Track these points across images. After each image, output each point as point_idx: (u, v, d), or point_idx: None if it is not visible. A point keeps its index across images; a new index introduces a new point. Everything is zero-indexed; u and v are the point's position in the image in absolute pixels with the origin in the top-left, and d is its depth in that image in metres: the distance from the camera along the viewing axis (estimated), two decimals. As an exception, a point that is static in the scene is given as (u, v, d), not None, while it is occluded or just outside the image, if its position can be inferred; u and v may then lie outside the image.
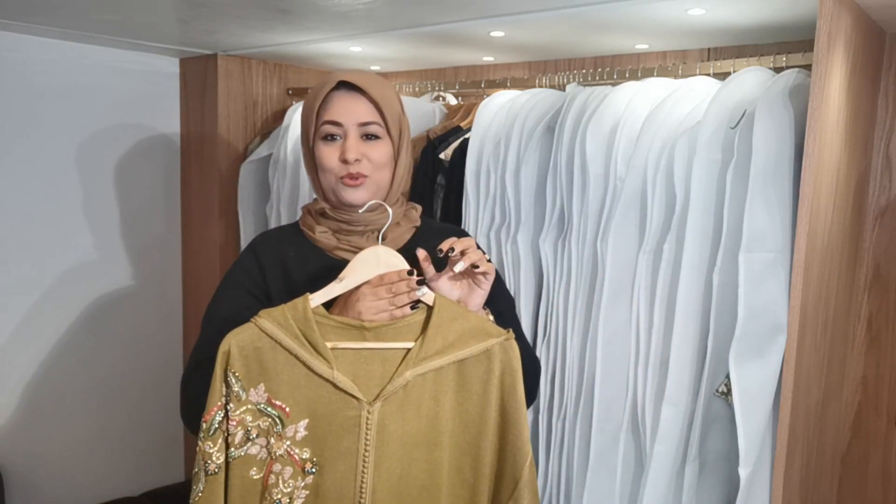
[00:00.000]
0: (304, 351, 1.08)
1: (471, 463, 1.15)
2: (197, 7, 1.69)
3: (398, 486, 1.12)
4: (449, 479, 1.14)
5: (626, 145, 1.54)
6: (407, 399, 1.10)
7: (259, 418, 1.09)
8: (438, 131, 2.04)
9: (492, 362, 1.12)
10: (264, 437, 1.09)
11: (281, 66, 2.50)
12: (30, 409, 2.27)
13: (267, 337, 1.08)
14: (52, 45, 2.17)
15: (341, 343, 1.09)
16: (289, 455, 1.10)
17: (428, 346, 1.10)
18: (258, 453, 1.10)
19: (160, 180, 2.50)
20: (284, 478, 1.10)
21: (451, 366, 1.11)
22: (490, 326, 1.15)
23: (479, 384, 1.12)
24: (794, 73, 1.40)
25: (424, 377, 1.11)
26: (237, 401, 1.08)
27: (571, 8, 1.51)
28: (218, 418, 1.08)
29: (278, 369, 1.08)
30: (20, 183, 2.18)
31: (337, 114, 1.19)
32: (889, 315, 1.66)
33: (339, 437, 1.10)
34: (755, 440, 1.32)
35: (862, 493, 1.72)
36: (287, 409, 1.09)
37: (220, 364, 1.07)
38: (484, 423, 1.13)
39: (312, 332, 1.08)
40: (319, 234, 1.25)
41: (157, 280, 2.52)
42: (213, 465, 1.08)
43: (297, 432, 1.10)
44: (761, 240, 1.32)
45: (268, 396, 1.09)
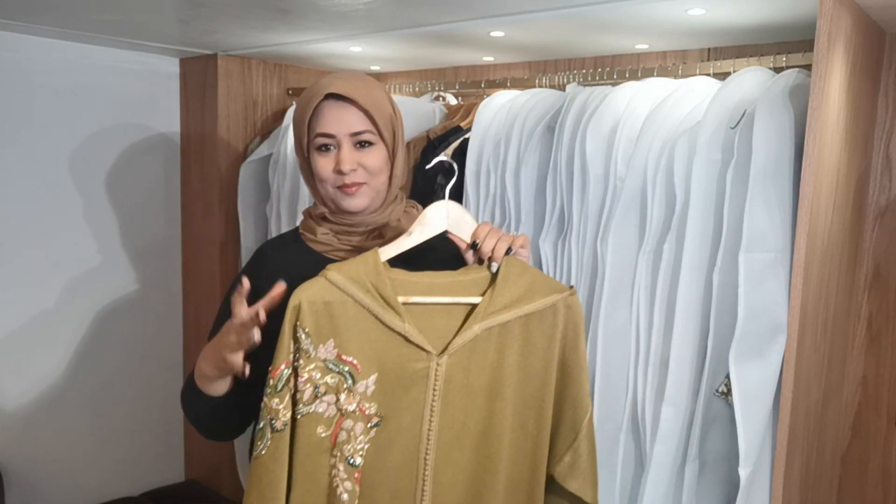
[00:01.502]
0: (375, 304, 1.08)
1: (534, 416, 1.16)
2: (197, 7, 1.69)
3: (461, 436, 1.13)
4: (512, 431, 1.15)
5: (626, 145, 1.54)
6: (473, 352, 1.12)
7: (327, 375, 1.08)
8: (438, 131, 2.04)
9: (556, 317, 1.14)
10: (333, 394, 1.08)
11: (281, 66, 2.50)
12: (30, 410, 2.27)
13: (337, 290, 1.07)
14: (52, 45, 2.17)
15: (411, 297, 1.10)
16: (360, 411, 1.10)
17: (496, 301, 1.11)
18: (325, 411, 1.08)
19: (160, 180, 2.50)
20: (356, 433, 1.09)
21: (518, 320, 1.13)
22: (554, 282, 1.16)
23: (544, 339, 1.14)
24: (794, 73, 1.40)
25: (490, 331, 1.12)
26: (306, 357, 1.07)
27: (571, 8, 1.51)
28: (286, 374, 1.06)
29: (349, 324, 1.08)
30: (20, 183, 2.17)
31: (328, 125, 1.19)
32: (889, 315, 1.66)
33: (407, 390, 1.10)
34: (755, 440, 1.32)
35: (862, 493, 1.72)
36: (358, 365, 1.08)
37: (290, 320, 1.06)
38: (547, 376, 1.15)
39: (385, 285, 1.08)
40: (321, 235, 1.25)
41: (157, 280, 2.52)
42: (280, 422, 1.06)
43: (368, 388, 1.09)
44: (761, 240, 1.32)
45: (337, 352, 1.08)
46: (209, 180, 2.43)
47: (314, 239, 1.26)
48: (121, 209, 2.40)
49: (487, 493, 1.15)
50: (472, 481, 1.15)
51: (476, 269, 1.15)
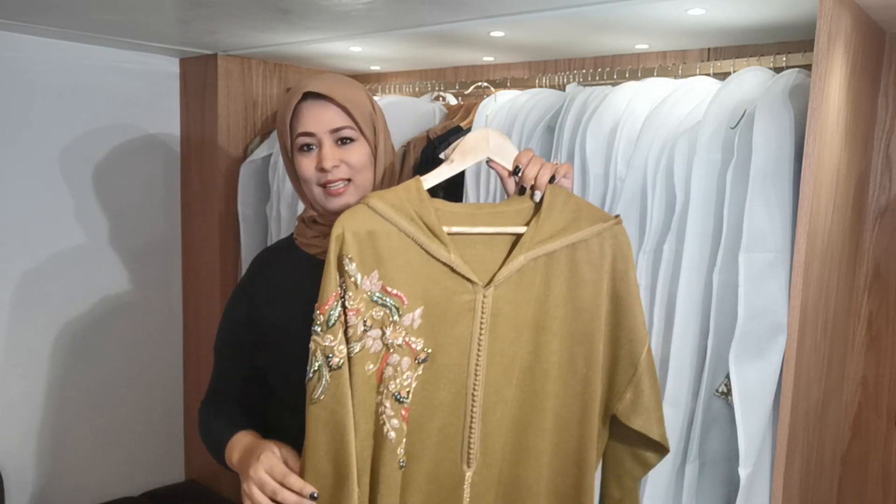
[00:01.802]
0: (420, 233, 1.03)
1: (583, 353, 1.12)
2: (197, 7, 1.69)
3: (508, 371, 1.10)
4: (559, 368, 1.12)
5: (626, 145, 1.54)
6: (520, 283, 1.09)
7: (372, 308, 1.03)
8: (438, 131, 2.04)
9: (603, 247, 1.10)
10: (378, 329, 1.04)
11: (281, 66, 2.50)
12: (30, 410, 2.27)
13: (381, 219, 1.03)
14: (52, 45, 2.17)
15: (455, 227, 1.06)
16: (407, 345, 1.05)
17: (541, 230, 1.08)
18: (372, 345, 1.04)
19: (160, 180, 2.50)
20: (402, 369, 1.05)
21: (563, 250, 1.09)
22: (600, 211, 1.13)
23: (592, 270, 1.10)
24: (794, 73, 1.40)
25: (536, 261, 1.09)
26: (354, 288, 1.02)
27: (571, 8, 1.51)
28: (337, 309, 1.01)
29: (393, 254, 1.03)
30: (20, 183, 2.17)
31: (308, 124, 1.19)
32: (889, 315, 1.66)
33: (453, 324, 1.07)
34: (755, 440, 1.32)
35: (862, 493, 1.72)
36: (403, 297, 1.04)
37: (334, 250, 1.02)
38: (597, 310, 1.11)
39: (430, 214, 1.04)
40: (312, 237, 1.26)
41: (157, 280, 2.52)
42: (337, 359, 1.01)
43: (414, 321, 1.05)
44: (761, 240, 1.32)
45: (382, 284, 1.03)
46: (209, 180, 2.43)
47: (306, 242, 1.27)
48: (121, 209, 2.40)
49: (535, 431, 1.12)
50: (519, 419, 1.12)
51: (518, 200, 1.12)
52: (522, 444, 1.12)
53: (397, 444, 1.05)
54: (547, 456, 1.13)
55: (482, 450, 1.10)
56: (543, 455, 1.13)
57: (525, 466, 1.13)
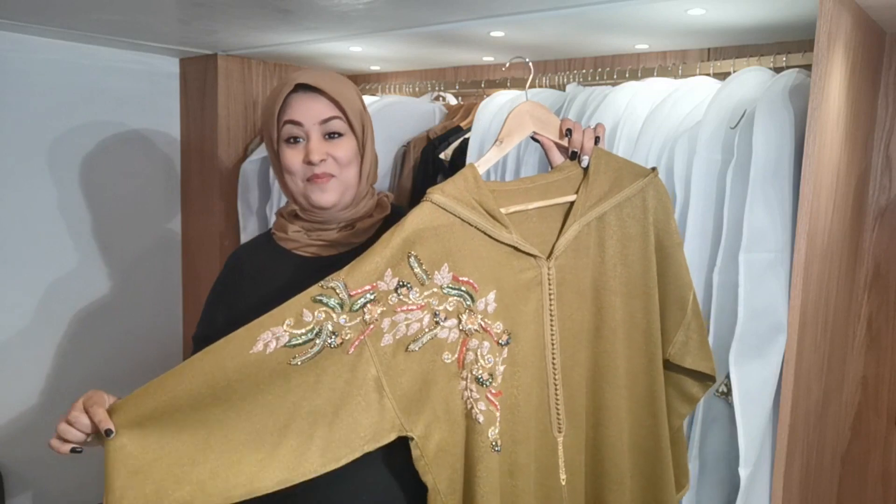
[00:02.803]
0: (482, 220, 1.06)
1: (641, 306, 1.16)
2: (197, 7, 1.69)
3: (579, 336, 1.14)
4: (623, 324, 1.16)
5: (626, 145, 1.54)
6: (577, 250, 1.13)
7: (446, 301, 1.04)
8: (438, 131, 2.04)
9: (646, 201, 1.15)
10: (454, 318, 1.05)
11: (281, 66, 2.50)
12: (30, 409, 2.27)
13: (443, 212, 1.04)
14: (52, 45, 2.17)
15: (511, 206, 1.09)
16: (483, 329, 1.07)
17: (591, 195, 1.12)
18: (448, 335, 1.05)
19: (160, 180, 2.50)
20: (483, 353, 1.07)
21: (612, 211, 1.14)
22: (637, 166, 1.17)
23: (638, 225, 1.15)
24: (794, 73, 1.40)
25: (589, 226, 1.13)
26: (420, 285, 1.02)
27: (571, 8, 1.51)
28: (366, 298, 0.99)
29: (459, 245, 1.05)
30: (20, 182, 2.17)
31: (296, 114, 1.18)
32: (889, 315, 1.66)
33: (525, 301, 1.10)
34: (755, 440, 1.32)
35: (862, 493, 1.72)
36: (475, 284, 1.06)
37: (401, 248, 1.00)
38: (647, 262, 1.15)
39: (488, 199, 1.06)
40: (292, 232, 1.24)
41: (158, 279, 2.52)
42: (339, 340, 0.98)
43: (488, 305, 1.07)
44: (761, 240, 1.32)
45: (453, 275, 1.04)
46: (209, 180, 2.43)
47: (285, 237, 1.25)
48: (121, 209, 2.40)
49: (609, 389, 1.16)
50: (595, 379, 1.16)
51: (567, 167, 1.14)
52: (601, 403, 1.16)
53: (487, 427, 1.06)
54: (624, 411, 1.17)
55: (567, 415, 1.14)
56: (621, 410, 1.17)
57: (607, 424, 1.17)
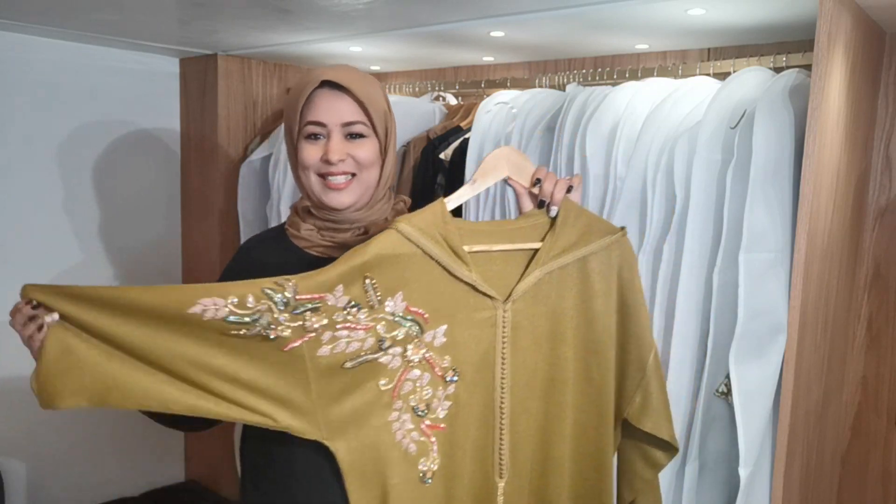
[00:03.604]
0: (444, 254, 1.07)
1: (597, 361, 1.16)
2: (197, 7, 1.69)
3: (531, 383, 1.15)
4: (576, 376, 1.16)
5: (626, 145, 1.54)
6: (536, 297, 1.13)
7: (395, 329, 1.06)
8: (438, 131, 2.04)
9: (611, 258, 1.15)
10: (400, 347, 1.06)
11: (281, 66, 2.50)
12: (30, 410, 2.27)
13: (408, 242, 1.06)
14: (52, 45, 2.17)
15: (475, 246, 1.10)
16: (427, 361, 1.09)
17: (556, 245, 1.13)
18: (390, 362, 1.06)
19: (160, 180, 2.50)
20: (422, 384, 1.08)
21: (575, 263, 1.14)
22: (607, 224, 1.18)
23: (601, 281, 1.15)
24: (794, 73, 1.40)
25: (551, 275, 1.13)
26: (370, 308, 1.04)
27: (571, 8, 1.51)
28: (312, 306, 1.00)
29: (417, 276, 1.06)
30: (20, 182, 2.18)
31: (320, 114, 1.16)
32: (889, 315, 1.66)
33: (478, 340, 1.11)
34: (755, 440, 1.32)
35: (862, 493, 1.72)
36: (426, 315, 1.08)
37: (359, 269, 1.02)
38: (608, 319, 1.16)
39: (452, 235, 1.08)
40: (304, 230, 1.23)
41: (157, 280, 2.52)
42: (273, 335, 0.99)
43: (436, 338, 1.09)
44: (761, 240, 1.32)
45: (406, 305, 1.06)
46: (209, 180, 2.43)
47: (297, 234, 1.24)
48: (121, 209, 2.40)
49: (557, 439, 1.16)
50: (542, 428, 1.16)
51: (535, 215, 1.16)
52: (547, 454, 1.17)
53: (418, 458, 1.08)
54: (568, 462, 1.17)
55: (512, 461, 1.15)
56: (566, 462, 1.17)
57: (551, 475, 1.17)
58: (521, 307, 1.12)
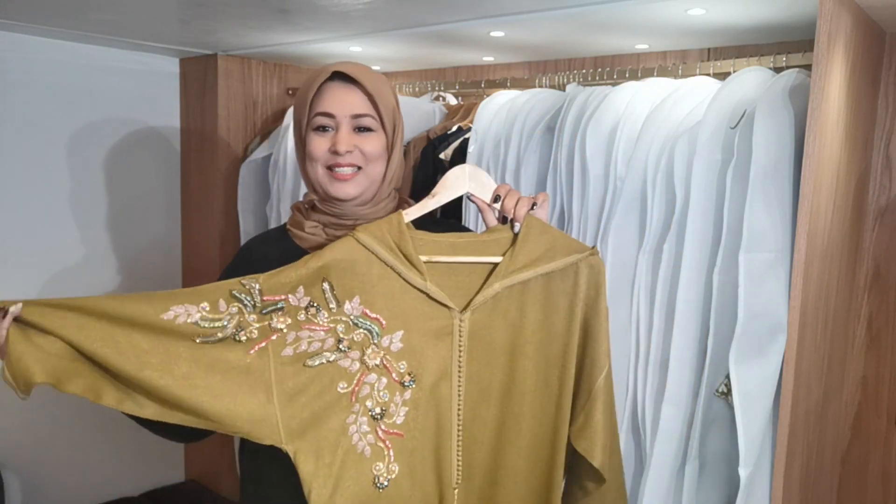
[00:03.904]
0: (398, 262, 1.10)
1: (557, 375, 1.16)
2: (197, 7, 1.69)
3: (487, 393, 1.15)
4: (535, 390, 1.16)
5: (626, 145, 1.54)
6: (495, 309, 1.14)
7: (353, 331, 1.09)
8: (438, 131, 2.04)
9: (578, 277, 1.14)
10: (358, 350, 1.09)
11: (281, 66, 2.50)
12: (30, 409, 2.27)
13: (363, 249, 1.10)
14: (52, 45, 2.17)
15: (434, 256, 1.13)
16: (384, 366, 1.11)
17: (516, 260, 1.13)
18: (350, 366, 1.09)
19: (160, 180, 2.50)
20: (379, 388, 1.11)
21: (538, 279, 1.14)
22: (576, 242, 1.17)
23: (565, 298, 1.15)
24: (794, 73, 1.40)
25: (512, 289, 1.13)
26: (328, 310, 1.08)
27: (571, 8, 1.51)
28: (279, 306, 1.06)
29: (374, 281, 1.10)
30: (20, 183, 2.18)
31: (330, 105, 1.18)
32: (889, 315, 1.66)
33: (434, 347, 1.13)
34: (755, 440, 1.32)
35: (862, 493, 1.72)
36: (382, 321, 1.11)
37: (317, 271, 1.07)
38: (570, 337, 1.15)
39: (407, 244, 1.11)
40: (309, 229, 1.23)
41: (157, 280, 2.52)
42: (244, 336, 1.04)
43: (392, 343, 1.11)
44: (761, 240, 1.32)
45: (363, 309, 1.10)
46: (209, 180, 2.43)
47: (300, 234, 1.24)
48: (121, 209, 2.40)
49: (511, 449, 1.17)
50: (497, 438, 1.17)
51: (499, 230, 1.16)
52: (501, 464, 1.17)
53: (372, 462, 1.10)
54: (523, 475, 1.18)
55: (465, 468, 1.16)
56: (520, 474, 1.18)
57: (504, 485, 1.17)
58: (479, 318, 1.13)
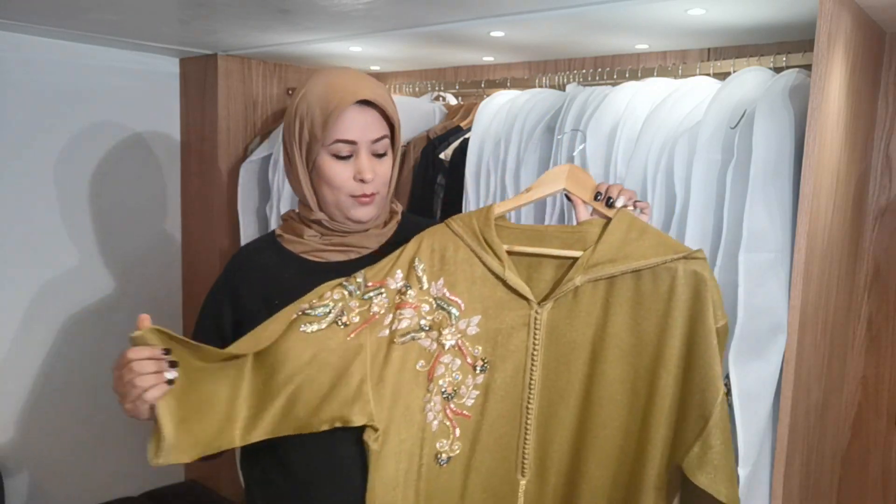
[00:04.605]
0: (480, 249, 1.13)
1: (645, 389, 1.08)
2: (197, 7, 1.69)
3: (564, 390, 1.12)
4: (621, 397, 1.09)
5: (626, 145, 1.54)
6: (577, 305, 1.11)
7: (435, 312, 1.13)
8: (438, 131, 2.05)
9: (675, 281, 1.06)
10: (436, 330, 1.13)
11: (281, 66, 2.50)
12: (30, 409, 2.27)
13: (453, 235, 1.15)
14: (52, 45, 2.17)
15: (517, 246, 1.13)
16: (459, 348, 1.13)
17: (599, 253, 1.08)
18: (429, 346, 1.13)
19: (160, 180, 2.50)
20: (452, 369, 1.13)
21: (627, 278, 1.08)
22: (675, 242, 1.09)
23: (659, 303, 1.06)
24: (794, 73, 1.40)
25: (596, 285, 1.09)
26: (418, 288, 1.13)
27: (571, 8, 1.51)
28: (379, 292, 1.11)
29: (458, 266, 1.14)
30: (20, 183, 2.17)
31: (351, 132, 1.14)
32: (889, 315, 1.66)
33: (509, 336, 1.13)
34: (755, 440, 1.32)
35: (862, 493, 1.72)
36: (461, 304, 1.13)
37: (410, 251, 1.14)
38: (663, 346, 1.06)
39: (491, 232, 1.13)
40: (308, 237, 1.22)
41: (158, 280, 2.52)
42: (345, 320, 1.09)
43: (469, 326, 1.13)
44: (761, 240, 1.32)
45: (445, 291, 1.13)
46: (209, 180, 2.43)
47: (295, 240, 1.23)
48: (121, 209, 2.40)
49: (590, 457, 1.11)
50: (575, 441, 1.13)
51: (589, 224, 1.12)
52: (579, 469, 1.12)
53: (437, 438, 1.13)
54: (602, 486, 1.12)
55: (536, 462, 1.14)
56: (599, 484, 1.12)
57: (582, 488, 1.12)
58: (558, 313, 1.10)
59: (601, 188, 1.14)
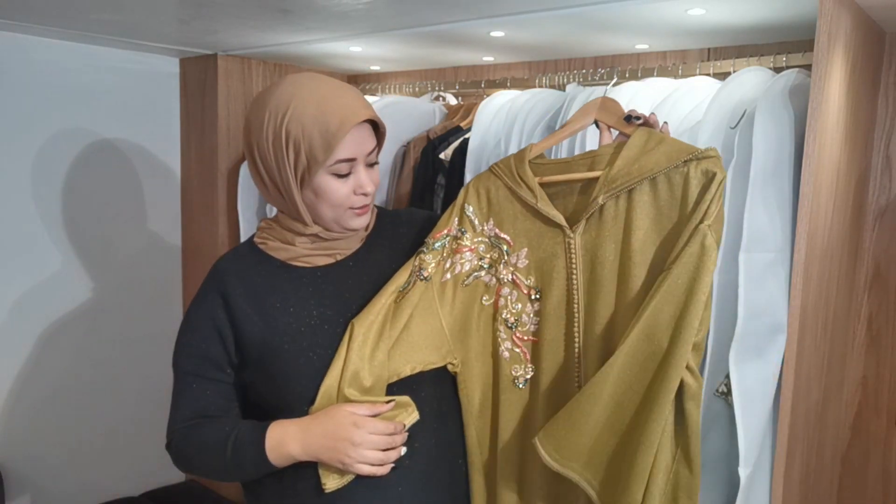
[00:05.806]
0: (515, 185, 1.23)
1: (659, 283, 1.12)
2: (197, 7, 1.69)
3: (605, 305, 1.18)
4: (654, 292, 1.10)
5: (626, 145, 1.54)
6: (602, 224, 1.16)
7: (491, 250, 1.26)
8: (438, 131, 2.04)
9: (687, 182, 1.07)
10: (495, 267, 1.26)
11: (281, 66, 2.50)
12: (30, 409, 2.27)
13: (495, 178, 1.26)
14: (52, 45, 2.17)
15: (548, 177, 1.21)
16: (514, 281, 1.25)
17: (616, 169, 1.12)
18: (489, 281, 1.27)
19: (160, 181, 2.50)
20: (511, 300, 1.25)
21: (644, 188, 1.11)
22: (686, 145, 1.11)
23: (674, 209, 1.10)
24: (794, 73, 1.40)
25: (618, 201, 1.14)
26: (472, 230, 1.26)
27: (571, 8, 1.51)
28: (446, 240, 1.25)
29: (502, 205, 1.25)
30: (19, 183, 2.18)
31: (352, 150, 1.15)
32: (889, 315, 1.66)
33: (552, 264, 1.22)
34: (755, 440, 1.32)
35: (862, 493, 1.72)
36: (510, 240, 1.25)
37: (460, 198, 1.27)
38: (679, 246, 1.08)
39: (524, 167, 1.22)
40: (300, 244, 1.22)
41: (157, 280, 2.53)
42: (427, 272, 1.23)
43: (519, 260, 1.24)
44: (761, 240, 1.31)
45: (495, 230, 1.25)
46: (209, 180, 2.43)
47: (281, 248, 1.22)
48: (120, 209, 2.40)
49: None
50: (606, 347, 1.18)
51: (607, 149, 1.16)
52: None
53: (511, 364, 1.26)
54: None
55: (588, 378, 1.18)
56: None
57: None
58: (590, 236, 1.18)
59: (634, 111, 1.19)
